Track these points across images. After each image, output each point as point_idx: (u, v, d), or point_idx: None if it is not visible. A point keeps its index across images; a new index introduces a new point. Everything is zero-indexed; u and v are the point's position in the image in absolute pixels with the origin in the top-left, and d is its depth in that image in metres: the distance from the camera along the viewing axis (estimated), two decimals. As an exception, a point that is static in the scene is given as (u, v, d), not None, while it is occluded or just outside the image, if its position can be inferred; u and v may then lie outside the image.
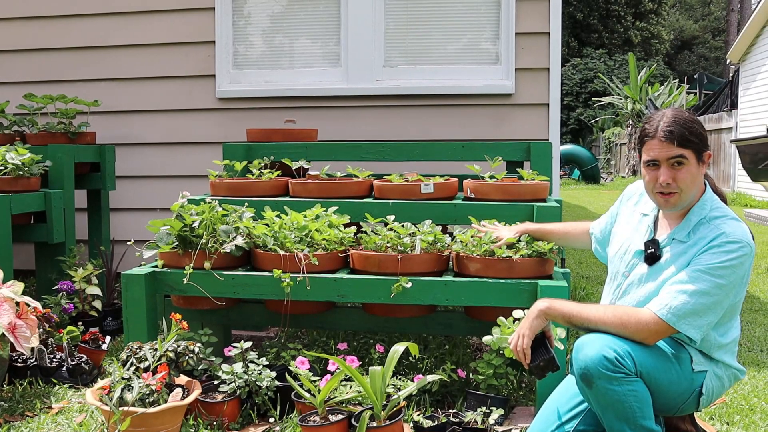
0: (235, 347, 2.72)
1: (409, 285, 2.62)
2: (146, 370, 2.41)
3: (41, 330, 3.07)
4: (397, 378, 2.66)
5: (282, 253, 2.73)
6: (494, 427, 2.49)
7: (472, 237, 2.72)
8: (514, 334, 2.10)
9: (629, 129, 18.43)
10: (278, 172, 3.46)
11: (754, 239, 1.99)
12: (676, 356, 1.99)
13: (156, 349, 2.49)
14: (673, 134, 1.96)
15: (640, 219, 2.20)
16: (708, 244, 1.95)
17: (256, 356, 2.72)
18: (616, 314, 1.96)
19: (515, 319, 2.33)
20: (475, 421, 2.45)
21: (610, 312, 1.97)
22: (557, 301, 2.08)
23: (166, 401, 2.33)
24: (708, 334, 1.99)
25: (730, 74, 16.50)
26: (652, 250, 2.06)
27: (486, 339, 2.37)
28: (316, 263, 2.71)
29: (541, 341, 2.08)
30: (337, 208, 3.03)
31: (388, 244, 2.78)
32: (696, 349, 2.02)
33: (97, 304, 3.72)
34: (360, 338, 3.30)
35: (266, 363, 2.70)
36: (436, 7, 4.45)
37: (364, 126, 4.45)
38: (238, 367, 2.63)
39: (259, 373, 2.62)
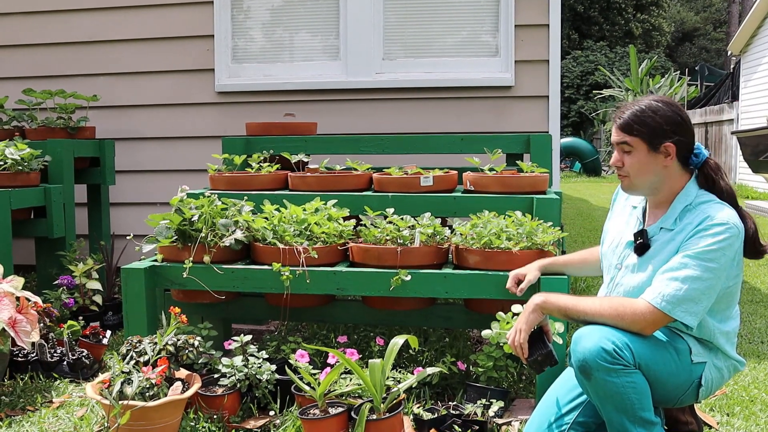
0: (235, 341, 2.72)
1: (409, 278, 2.62)
2: (146, 363, 2.41)
3: (42, 325, 3.07)
4: (397, 371, 2.66)
5: (281, 246, 2.73)
6: (494, 420, 2.49)
7: (471, 230, 2.71)
8: (511, 330, 2.11)
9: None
10: (277, 165, 3.46)
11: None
12: (674, 348, 1.99)
13: (156, 343, 2.49)
14: (622, 121, 2.06)
15: (631, 212, 2.21)
16: (695, 229, 1.95)
17: (256, 350, 2.72)
18: (612, 305, 1.96)
19: (514, 314, 2.33)
20: (475, 414, 2.46)
21: (606, 304, 1.98)
22: (553, 295, 2.09)
23: (166, 395, 2.33)
24: (707, 321, 1.99)
25: (732, 66, 16.45)
26: (642, 240, 2.07)
27: (485, 333, 2.37)
28: (316, 256, 2.71)
29: (538, 336, 2.08)
30: (336, 201, 3.03)
31: (388, 237, 2.78)
32: (695, 339, 2.02)
33: (98, 298, 3.72)
34: (360, 331, 3.31)
35: (266, 356, 2.71)
36: (436, 0, 4.44)
37: (363, 119, 4.44)
38: (238, 360, 2.63)
39: (259, 367, 2.62)
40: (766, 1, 12.45)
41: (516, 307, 2.34)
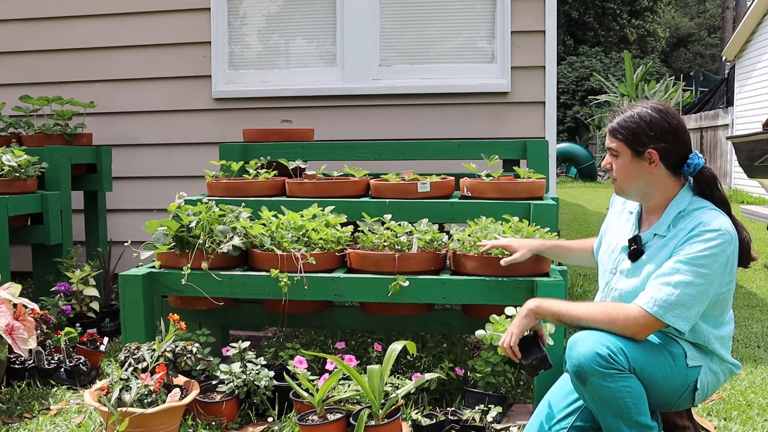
0: (233, 347, 2.72)
1: (407, 284, 2.62)
2: (144, 370, 2.41)
3: (39, 332, 3.07)
4: (395, 377, 2.66)
5: (279, 252, 2.74)
6: (492, 425, 2.50)
7: (469, 236, 2.72)
8: (504, 333, 2.12)
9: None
10: (275, 172, 3.47)
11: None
12: (669, 352, 2.00)
13: (154, 350, 2.49)
14: (610, 126, 2.11)
15: (628, 217, 2.23)
16: (687, 235, 1.96)
17: (254, 356, 2.72)
18: (605, 310, 1.97)
19: (507, 317, 2.34)
20: (474, 419, 2.46)
21: (599, 309, 1.99)
22: (547, 300, 2.10)
23: (164, 401, 2.33)
24: (701, 327, 2.00)
25: (726, 71, 16.52)
26: (635, 246, 2.09)
27: (478, 333, 2.38)
28: (314, 263, 2.71)
29: (533, 340, 2.10)
30: (334, 207, 3.03)
31: (385, 243, 2.79)
32: (690, 343, 2.03)
33: (95, 305, 3.72)
34: (358, 337, 3.31)
35: (264, 363, 2.71)
36: (432, 6, 4.46)
37: (360, 125, 4.45)
38: (236, 367, 2.63)
39: (258, 373, 2.62)
40: (760, 7, 12.52)
41: (509, 310, 2.35)
